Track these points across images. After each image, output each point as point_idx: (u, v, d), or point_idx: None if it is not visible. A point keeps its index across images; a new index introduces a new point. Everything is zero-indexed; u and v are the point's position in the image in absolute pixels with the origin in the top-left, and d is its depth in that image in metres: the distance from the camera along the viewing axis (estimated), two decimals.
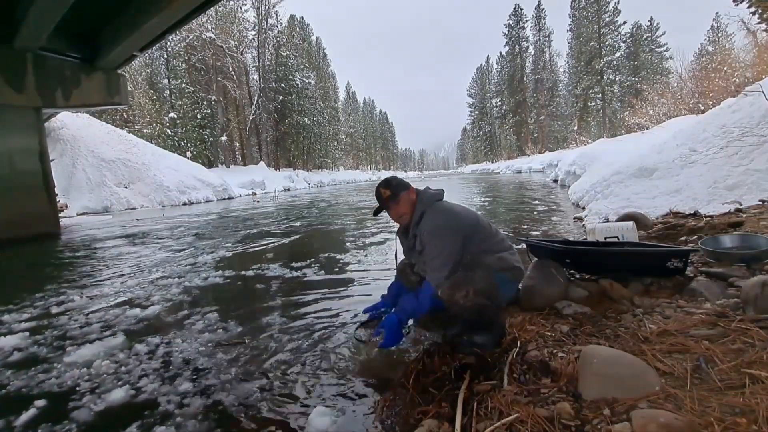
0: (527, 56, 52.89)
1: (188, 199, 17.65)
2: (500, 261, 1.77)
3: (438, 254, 1.71)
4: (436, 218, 1.77)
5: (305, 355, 1.98)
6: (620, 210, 4.49)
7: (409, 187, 1.90)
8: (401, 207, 1.85)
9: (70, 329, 2.52)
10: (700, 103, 15.85)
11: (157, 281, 3.67)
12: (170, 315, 2.73)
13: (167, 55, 30.61)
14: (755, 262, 2.14)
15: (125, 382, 1.81)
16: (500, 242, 1.86)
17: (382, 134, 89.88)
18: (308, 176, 37.55)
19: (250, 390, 1.68)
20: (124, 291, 3.40)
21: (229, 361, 1.96)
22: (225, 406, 1.57)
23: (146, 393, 1.69)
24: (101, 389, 1.75)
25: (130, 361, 2.02)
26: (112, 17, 7.95)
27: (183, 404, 1.60)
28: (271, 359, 1.96)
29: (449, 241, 1.72)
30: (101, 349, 2.17)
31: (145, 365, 1.96)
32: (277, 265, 3.99)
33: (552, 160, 27.93)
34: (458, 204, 1.94)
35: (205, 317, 2.63)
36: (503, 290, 1.76)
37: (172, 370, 1.90)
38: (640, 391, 1.12)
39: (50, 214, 8.61)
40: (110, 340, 2.28)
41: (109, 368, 1.94)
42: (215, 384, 1.74)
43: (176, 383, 1.76)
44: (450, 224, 1.75)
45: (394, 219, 1.93)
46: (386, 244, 5.03)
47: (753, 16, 11.92)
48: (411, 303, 1.75)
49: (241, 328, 2.39)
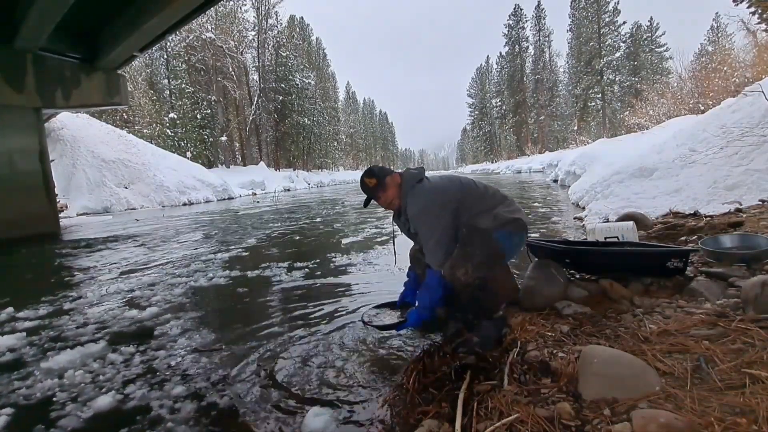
0: (527, 56, 52.88)
1: (188, 199, 17.65)
2: (495, 219, 1.73)
3: (430, 236, 1.70)
4: (418, 200, 1.75)
5: (305, 355, 1.97)
6: (620, 210, 4.49)
7: (392, 172, 1.88)
8: (389, 193, 1.84)
9: (65, 331, 2.50)
10: (700, 103, 15.86)
11: (156, 282, 3.66)
12: (168, 316, 2.73)
13: (167, 55, 30.61)
14: (755, 262, 2.14)
15: (119, 383, 1.80)
16: (492, 197, 1.81)
17: (382, 134, 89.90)
18: (308, 176, 37.54)
19: (245, 391, 1.67)
20: (123, 292, 3.40)
21: (224, 363, 1.95)
22: (219, 409, 1.56)
23: (136, 398, 1.67)
24: (91, 392, 1.74)
25: (127, 362, 2.02)
26: (112, 17, 7.95)
27: (175, 408, 1.58)
28: (269, 359, 1.95)
29: (436, 220, 1.70)
30: (94, 351, 2.14)
31: (142, 366, 1.96)
32: (277, 266, 3.98)
33: (552, 160, 27.92)
34: (440, 177, 1.89)
35: (202, 318, 2.63)
36: (507, 245, 1.74)
37: (167, 373, 1.88)
38: (640, 391, 1.12)
39: (50, 215, 8.62)
40: (102, 343, 2.24)
41: (103, 371, 1.94)
42: (208, 386, 1.73)
43: (168, 386, 1.74)
44: (434, 203, 1.73)
45: (384, 206, 1.90)
46: (388, 241, 5.03)
47: (753, 16, 11.92)
48: (424, 297, 1.74)
49: (240, 330, 2.38)
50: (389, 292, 2.91)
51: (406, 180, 1.84)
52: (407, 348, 1.92)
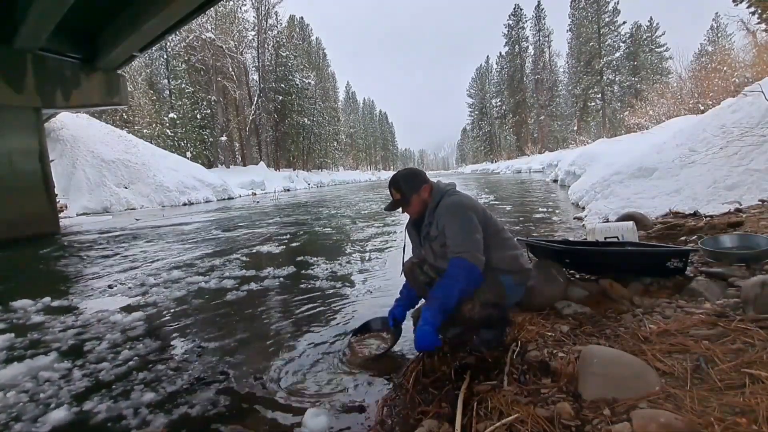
0: (527, 56, 52.92)
1: (188, 199, 17.65)
2: (507, 262, 1.72)
3: (459, 230, 1.63)
4: (454, 199, 1.74)
5: (303, 355, 1.98)
6: (620, 210, 4.50)
7: (424, 184, 1.83)
8: (412, 207, 1.81)
9: (52, 332, 2.47)
10: (699, 103, 15.85)
11: (155, 283, 3.66)
12: (166, 317, 2.73)
13: (167, 55, 30.61)
14: (755, 262, 2.14)
15: (119, 383, 1.80)
16: (509, 240, 1.80)
17: (381, 134, 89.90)
18: (308, 176, 37.53)
19: (244, 391, 1.67)
20: (122, 293, 3.40)
21: (222, 363, 1.95)
22: (217, 408, 1.56)
23: (135, 398, 1.66)
24: (84, 391, 1.74)
25: (126, 362, 2.02)
26: (112, 17, 7.94)
27: (173, 408, 1.57)
28: (268, 359, 1.95)
29: (469, 218, 1.66)
30: (85, 352, 2.14)
31: (141, 367, 1.96)
32: (277, 267, 3.98)
33: (552, 160, 27.95)
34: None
35: (200, 318, 2.63)
36: (510, 292, 1.72)
37: (163, 373, 1.88)
38: (640, 391, 1.12)
39: (50, 215, 8.61)
40: (95, 344, 2.24)
41: (101, 371, 1.94)
42: (207, 386, 1.73)
43: (164, 387, 1.74)
44: (469, 205, 1.71)
45: (412, 211, 1.85)
46: (390, 244, 5.03)
47: (753, 16, 11.95)
48: (440, 286, 1.58)
49: (239, 330, 2.38)
50: (391, 293, 2.91)
51: (440, 187, 1.82)
52: (407, 348, 1.92)
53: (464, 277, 1.56)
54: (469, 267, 1.56)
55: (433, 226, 1.76)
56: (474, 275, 1.57)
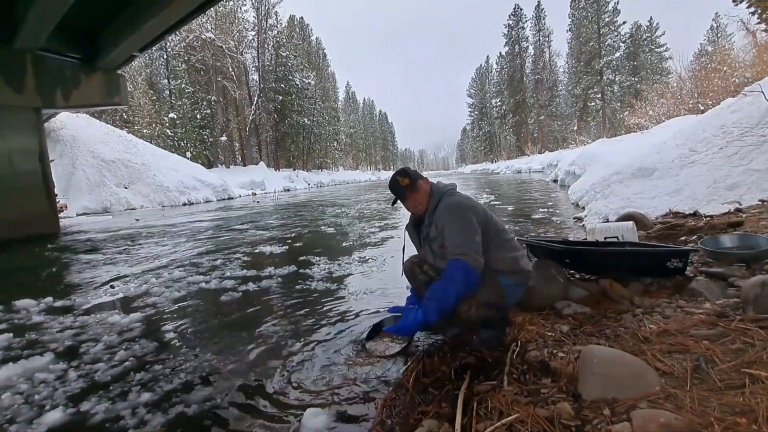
0: (527, 56, 52.89)
1: (188, 199, 17.64)
2: (507, 263, 1.71)
3: (458, 231, 1.64)
4: (454, 199, 1.74)
5: (303, 355, 1.97)
6: (620, 210, 4.49)
7: (424, 177, 1.88)
8: (419, 195, 1.82)
9: (50, 333, 2.46)
10: (699, 103, 15.85)
11: (156, 283, 3.65)
12: (165, 317, 2.73)
13: (167, 55, 30.60)
14: (755, 262, 2.14)
15: (117, 383, 1.80)
16: (510, 241, 1.80)
17: (381, 134, 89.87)
18: (308, 176, 37.53)
19: (243, 391, 1.67)
20: (122, 292, 3.40)
21: (222, 363, 1.95)
22: (217, 408, 1.56)
23: (133, 398, 1.66)
24: (82, 390, 1.74)
25: (125, 362, 2.02)
26: (111, 17, 7.95)
27: (171, 408, 1.57)
28: (267, 359, 1.95)
29: (469, 219, 1.66)
30: (80, 353, 2.14)
31: (138, 367, 1.96)
32: (277, 267, 3.98)
33: (552, 160, 27.94)
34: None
35: (200, 319, 2.63)
36: (509, 293, 1.71)
37: (163, 374, 1.88)
38: (640, 391, 1.12)
39: (50, 215, 8.61)
40: (92, 345, 2.23)
41: (98, 371, 1.94)
42: (206, 386, 1.73)
43: (162, 387, 1.74)
44: (469, 206, 1.72)
45: (411, 208, 1.86)
46: (390, 245, 5.03)
47: (752, 16, 11.96)
48: (436, 288, 1.58)
49: (238, 330, 2.38)
50: (390, 294, 2.92)
51: (440, 187, 1.84)
52: (407, 348, 1.92)
53: (462, 279, 1.55)
54: (467, 269, 1.56)
55: (432, 227, 1.77)
56: (471, 278, 1.57)
